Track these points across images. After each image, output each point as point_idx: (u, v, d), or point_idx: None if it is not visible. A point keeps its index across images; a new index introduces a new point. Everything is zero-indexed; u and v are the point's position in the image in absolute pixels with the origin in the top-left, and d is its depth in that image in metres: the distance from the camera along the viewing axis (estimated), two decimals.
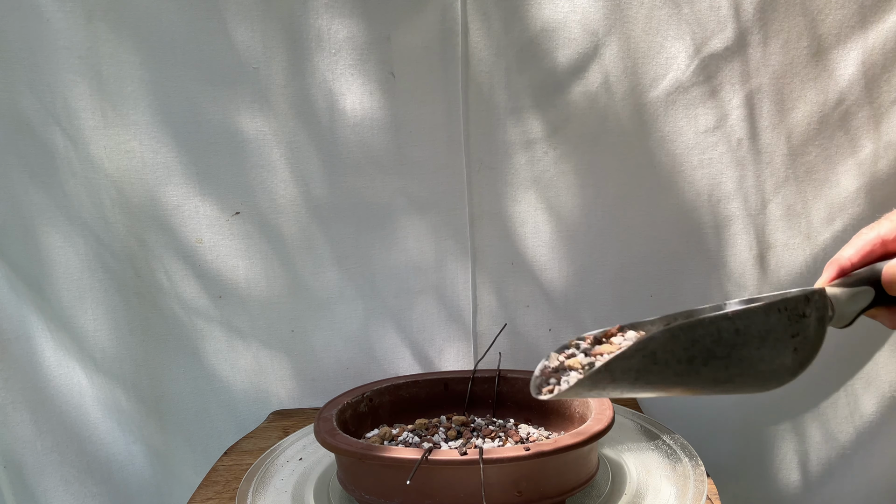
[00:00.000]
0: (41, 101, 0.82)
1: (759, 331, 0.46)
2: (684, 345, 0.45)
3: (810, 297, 0.48)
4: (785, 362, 0.48)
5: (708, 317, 0.46)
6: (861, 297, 0.53)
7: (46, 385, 0.88)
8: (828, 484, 0.93)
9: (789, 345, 0.47)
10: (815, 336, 0.49)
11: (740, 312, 0.46)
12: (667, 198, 0.88)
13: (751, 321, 0.46)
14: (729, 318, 0.46)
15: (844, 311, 0.52)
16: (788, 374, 0.48)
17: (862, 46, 0.82)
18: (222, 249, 0.88)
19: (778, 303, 0.47)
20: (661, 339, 0.45)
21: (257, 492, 0.66)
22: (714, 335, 0.46)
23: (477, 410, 0.76)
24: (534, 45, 0.84)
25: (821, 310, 0.49)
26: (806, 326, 0.48)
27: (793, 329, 0.47)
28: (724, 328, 0.46)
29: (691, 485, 0.62)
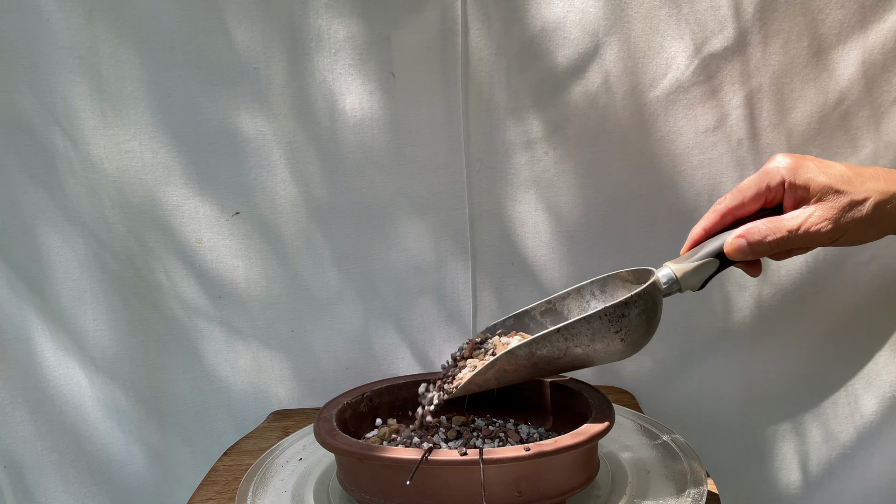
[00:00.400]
0: (41, 101, 0.82)
1: (586, 335, 0.60)
2: (525, 357, 0.60)
3: (628, 301, 0.60)
4: (618, 347, 0.61)
5: (540, 335, 0.60)
6: (705, 268, 0.64)
7: (46, 385, 0.88)
8: (828, 484, 0.93)
9: (615, 338, 0.60)
10: (639, 323, 0.61)
11: (566, 326, 0.60)
12: (667, 198, 0.88)
13: (577, 330, 0.60)
14: (558, 331, 0.60)
15: (692, 281, 0.63)
16: (626, 352, 0.62)
17: (862, 46, 0.82)
18: (222, 249, 0.88)
19: (598, 312, 0.59)
20: (504, 359, 0.60)
21: (257, 492, 0.66)
22: (548, 346, 0.60)
23: (477, 410, 0.76)
24: (534, 45, 0.84)
25: (643, 303, 0.60)
26: (628, 321, 0.60)
27: (615, 327, 0.60)
28: (555, 340, 0.60)
29: (691, 485, 0.62)
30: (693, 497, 0.60)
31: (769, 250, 0.62)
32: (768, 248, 0.61)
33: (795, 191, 0.61)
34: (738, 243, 0.62)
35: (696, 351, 0.92)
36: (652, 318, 0.62)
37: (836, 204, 0.60)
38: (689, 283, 0.63)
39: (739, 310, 0.90)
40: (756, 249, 0.61)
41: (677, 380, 0.93)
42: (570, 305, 0.70)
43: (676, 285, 0.63)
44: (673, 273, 0.63)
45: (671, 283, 0.63)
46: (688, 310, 0.90)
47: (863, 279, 0.88)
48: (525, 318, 0.71)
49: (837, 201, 0.60)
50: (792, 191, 0.61)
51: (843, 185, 0.60)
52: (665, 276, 0.63)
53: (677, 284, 0.63)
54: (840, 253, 0.87)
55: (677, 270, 0.63)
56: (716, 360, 0.92)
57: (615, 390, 0.92)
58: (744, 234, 0.61)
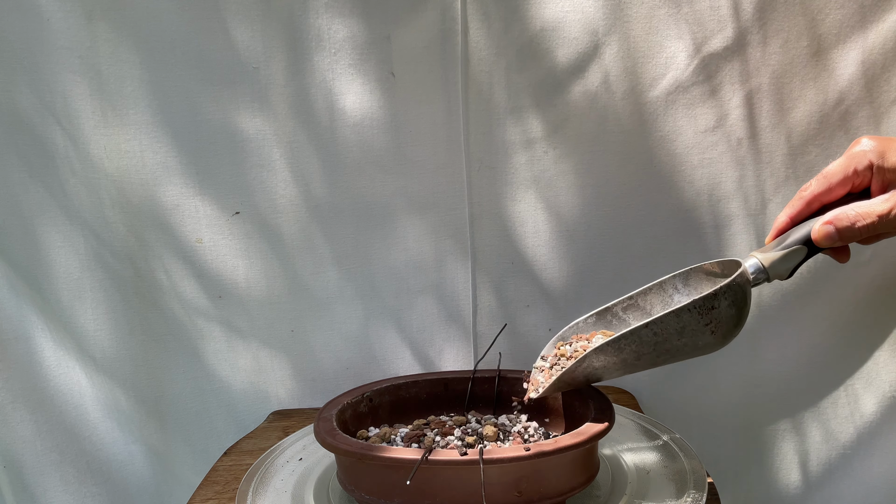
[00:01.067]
0: (41, 101, 0.82)
1: (675, 329, 0.59)
2: (614, 353, 0.60)
3: (718, 292, 0.58)
4: (707, 341, 0.60)
5: (629, 330, 0.59)
6: (794, 255, 0.62)
7: (46, 385, 0.88)
8: (828, 484, 0.93)
9: (705, 330, 0.59)
10: (729, 315, 0.59)
11: (655, 320, 0.58)
12: (667, 197, 0.88)
13: (665, 324, 0.58)
14: (647, 326, 0.59)
15: (780, 270, 0.62)
16: (716, 345, 0.60)
17: (862, 46, 0.82)
18: (222, 249, 0.88)
19: (688, 305, 0.58)
20: (591, 356, 0.60)
21: (257, 492, 0.66)
22: (637, 342, 0.59)
23: (477, 410, 0.76)
24: (534, 45, 0.84)
25: (732, 294, 0.59)
26: (718, 313, 0.59)
27: (704, 320, 0.59)
28: (644, 335, 0.59)
29: (691, 485, 0.62)
30: (693, 497, 0.60)
31: (859, 236, 0.60)
32: (858, 233, 0.59)
33: (884, 174, 0.60)
34: (826, 230, 0.60)
35: None
36: (742, 310, 0.60)
37: None
38: (776, 272, 0.62)
39: None
40: (845, 235, 0.60)
41: (677, 380, 0.93)
42: (652, 300, 0.69)
43: (764, 274, 0.62)
44: (760, 262, 0.62)
45: (758, 272, 0.62)
46: None
47: (863, 279, 0.88)
48: (607, 315, 0.70)
49: None
50: (880, 174, 0.60)
51: None
52: (752, 265, 0.62)
53: (765, 273, 0.62)
54: None
55: (764, 260, 0.62)
56: (716, 360, 0.91)
57: (615, 390, 0.92)
58: (832, 221, 0.60)
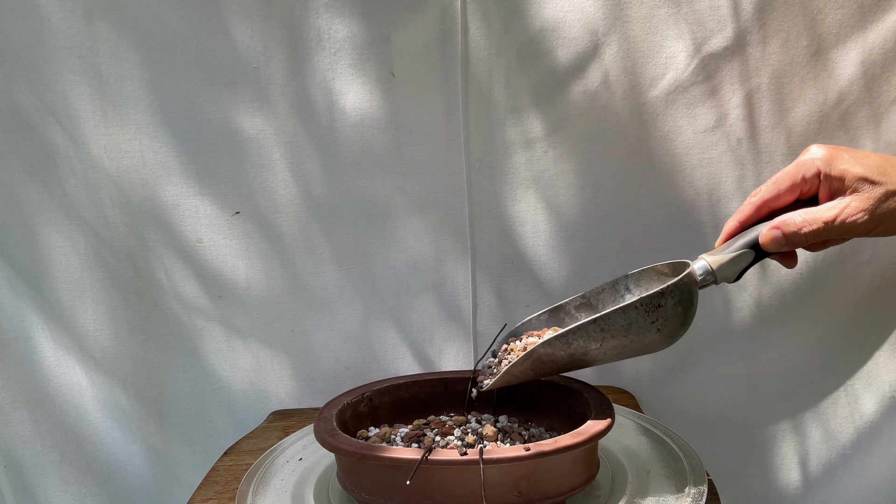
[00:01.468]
0: (41, 101, 0.82)
1: (622, 325, 0.60)
2: (562, 347, 0.61)
3: (664, 291, 0.60)
4: (653, 338, 0.61)
5: (577, 325, 0.60)
6: (742, 258, 0.64)
7: (46, 385, 0.88)
8: (828, 484, 0.93)
9: (651, 328, 0.60)
10: (675, 314, 0.61)
11: (603, 316, 0.60)
12: (667, 197, 0.88)
13: (612, 321, 0.60)
14: (594, 322, 0.60)
15: (727, 273, 0.64)
16: (662, 343, 0.62)
17: (861, 46, 0.82)
18: (222, 249, 0.88)
19: (635, 303, 0.60)
20: (540, 349, 0.61)
21: (257, 492, 0.66)
22: (584, 337, 0.61)
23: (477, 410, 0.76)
24: (534, 45, 0.84)
25: (679, 294, 0.61)
26: (664, 311, 0.60)
27: (651, 317, 0.60)
28: (591, 330, 0.60)
29: (691, 485, 0.62)
30: (693, 496, 0.61)
31: (805, 241, 0.61)
32: (804, 239, 0.61)
33: (831, 182, 0.61)
34: (773, 234, 0.62)
35: (696, 351, 0.92)
36: (688, 310, 0.62)
37: (871, 195, 0.59)
38: (724, 275, 0.64)
39: (739, 310, 0.90)
40: (792, 240, 0.61)
41: (677, 380, 0.93)
42: (604, 299, 0.71)
43: (712, 276, 0.63)
44: (708, 265, 0.63)
45: (706, 274, 0.63)
46: None
47: (863, 279, 0.88)
48: (560, 313, 0.72)
49: (873, 192, 0.59)
50: (827, 182, 0.61)
51: (878, 175, 0.59)
52: (700, 267, 0.63)
53: (713, 276, 0.63)
54: (840, 253, 0.87)
55: (713, 262, 0.63)
56: (716, 360, 0.92)
57: (615, 390, 0.92)
58: (779, 226, 0.62)
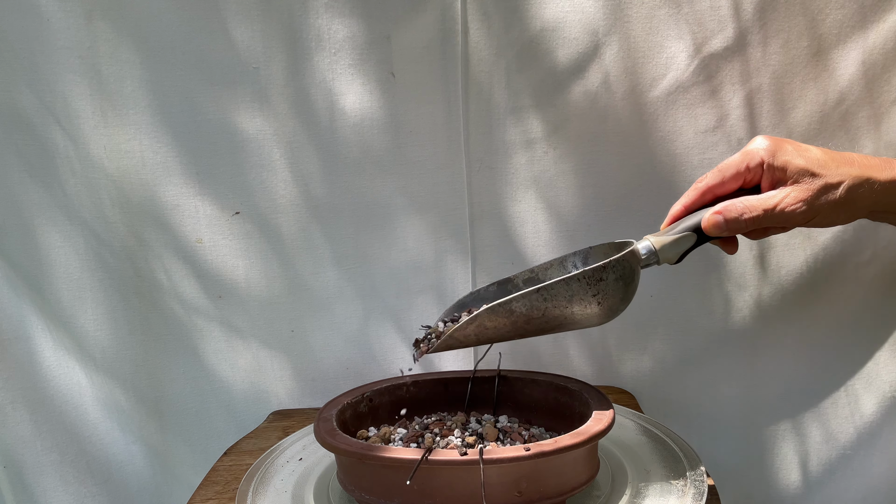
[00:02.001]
0: (41, 101, 0.82)
1: (564, 296, 0.62)
2: (505, 315, 0.62)
3: (607, 265, 0.62)
4: (594, 311, 0.63)
5: (521, 293, 0.62)
6: (683, 241, 0.67)
7: (46, 385, 0.88)
8: (828, 484, 0.93)
9: (592, 301, 0.63)
10: (616, 289, 0.63)
11: (546, 286, 0.62)
12: (667, 197, 0.87)
13: (556, 291, 0.62)
14: (538, 291, 0.62)
15: (669, 254, 0.66)
16: (603, 317, 0.64)
17: (862, 46, 0.82)
18: (222, 249, 0.88)
19: (577, 275, 0.62)
20: (483, 314, 0.63)
21: (257, 492, 0.66)
22: (527, 305, 0.62)
23: (477, 410, 0.76)
24: (534, 45, 0.84)
25: (620, 269, 0.63)
26: (605, 286, 0.62)
27: (592, 290, 0.62)
28: (534, 299, 0.62)
29: (691, 485, 0.62)
30: (693, 497, 0.60)
31: (745, 227, 0.64)
32: (744, 225, 0.64)
33: (773, 172, 0.63)
34: (715, 219, 0.64)
35: (696, 351, 0.92)
36: (629, 286, 0.64)
37: (811, 186, 0.62)
38: (666, 256, 0.66)
39: (739, 310, 0.90)
40: (732, 226, 0.64)
41: (677, 380, 0.93)
42: (552, 275, 0.73)
43: (654, 257, 0.66)
44: (652, 245, 0.66)
45: (650, 254, 0.66)
46: (688, 310, 0.90)
47: (863, 279, 0.88)
48: (508, 286, 0.73)
49: (812, 184, 0.62)
50: (770, 172, 0.64)
51: (818, 168, 0.62)
52: (644, 247, 0.66)
53: (655, 256, 0.66)
54: (840, 253, 0.86)
55: (656, 243, 0.66)
56: (716, 360, 0.92)
57: (615, 390, 0.92)
58: (721, 211, 0.64)
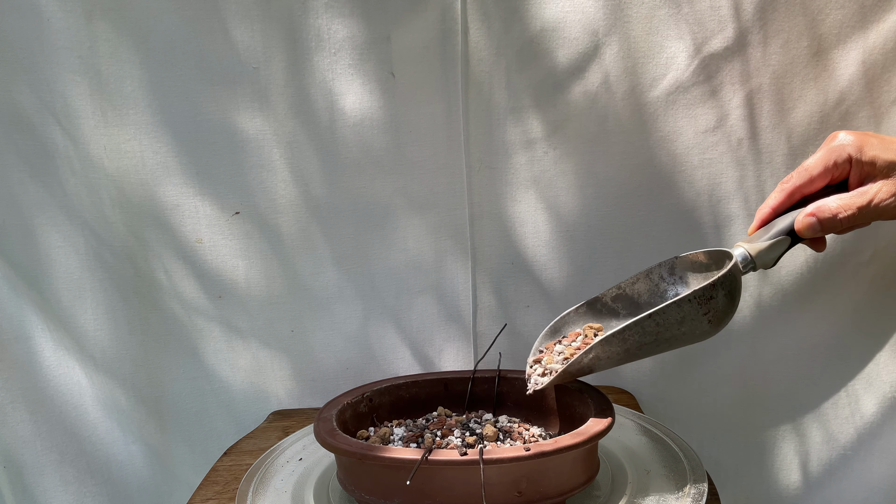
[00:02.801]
0: (41, 101, 0.82)
1: (676, 318, 0.61)
2: (619, 343, 0.62)
3: (717, 283, 0.61)
4: (704, 329, 0.62)
5: (634, 321, 0.61)
6: (778, 245, 0.65)
7: (46, 385, 0.88)
8: (828, 484, 0.93)
9: (703, 319, 0.62)
10: (725, 304, 0.62)
11: (658, 311, 0.61)
12: (667, 198, 0.88)
13: (667, 315, 0.61)
14: (650, 317, 0.61)
15: (766, 259, 0.65)
16: (711, 333, 0.63)
17: (862, 46, 0.82)
18: (222, 249, 0.88)
19: (688, 296, 0.61)
20: (598, 347, 0.62)
21: (257, 492, 0.66)
22: (640, 332, 0.61)
23: (477, 410, 0.76)
24: (534, 45, 0.84)
25: (728, 284, 0.62)
26: (716, 303, 0.61)
27: (703, 309, 0.61)
28: (647, 325, 0.61)
29: (691, 485, 0.62)
30: (693, 497, 0.60)
31: (839, 227, 0.63)
32: (839, 224, 0.63)
33: (862, 167, 0.63)
34: (809, 221, 0.63)
35: (697, 351, 0.91)
36: (735, 298, 0.63)
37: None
38: (763, 261, 0.65)
39: (739, 310, 0.89)
40: (827, 226, 0.63)
41: (677, 380, 0.93)
42: (639, 289, 0.72)
43: (752, 264, 0.65)
44: (748, 252, 0.65)
45: (747, 262, 0.65)
46: None
47: (863, 279, 0.88)
48: (597, 305, 0.73)
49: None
50: (858, 167, 0.63)
51: None
52: (740, 255, 0.65)
53: (752, 263, 0.65)
54: (841, 253, 0.86)
55: (751, 249, 0.65)
56: (716, 360, 0.92)
57: (615, 390, 0.92)
58: (814, 213, 0.63)
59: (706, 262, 0.69)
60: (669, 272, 0.71)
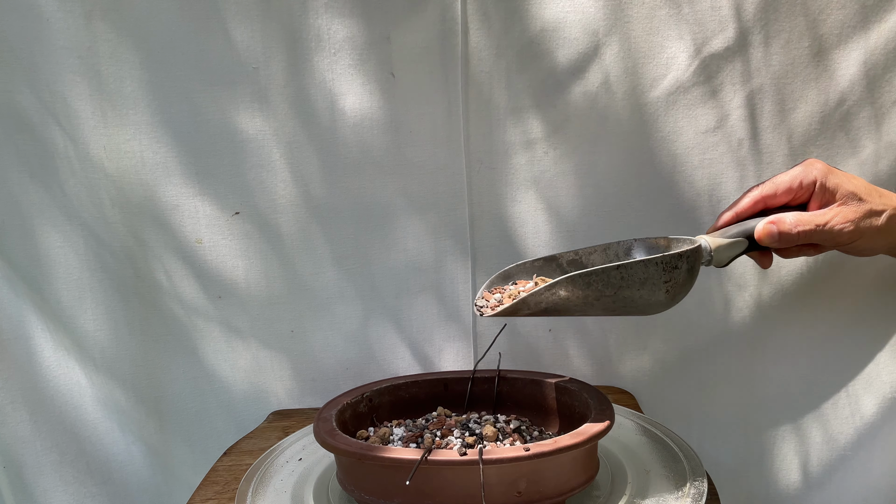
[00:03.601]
0: (41, 101, 0.82)
1: (639, 278, 0.61)
2: (582, 286, 0.61)
3: (683, 254, 0.63)
4: (659, 299, 0.63)
5: (601, 267, 0.61)
6: (736, 246, 0.68)
7: (46, 385, 0.88)
8: (828, 485, 0.93)
9: (662, 287, 0.62)
10: (684, 280, 0.63)
11: (626, 264, 0.61)
12: (667, 198, 0.88)
13: (633, 271, 0.61)
14: (616, 268, 0.61)
15: (721, 257, 0.67)
16: (662, 306, 0.64)
17: (863, 46, 0.82)
18: (222, 249, 0.88)
19: (657, 258, 0.62)
20: (563, 282, 0.61)
21: (257, 492, 0.66)
22: (604, 280, 0.61)
23: (477, 410, 0.76)
24: (534, 45, 0.84)
25: (692, 261, 0.63)
26: (677, 274, 0.62)
27: (665, 277, 0.62)
28: (612, 275, 0.61)
29: (691, 485, 0.62)
30: (693, 497, 0.60)
31: (795, 240, 0.67)
32: (795, 238, 0.66)
33: (824, 192, 0.67)
34: (769, 228, 0.67)
35: (696, 351, 0.92)
36: (691, 279, 0.65)
37: (858, 209, 0.67)
38: (719, 258, 0.67)
39: (739, 310, 0.90)
40: (784, 238, 0.66)
41: (677, 380, 0.93)
42: (594, 261, 0.72)
43: (709, 256, 0.67)
44: (709, 245, 0.67)
45: (707, 253, 0.67)
46: (688, 310, 0.90)
47: (863, 279, 0.87)
48: (553, 264, 0.73)
49: (860, 207, 0.67)
50: (821, 192, 0.67)
51: (865, 195, 0.67)
52: (704, 244, 0.67)
53: (710, 256, 0.67)
54: (840, 253, 0.86)
55: (712, 243, 0.67)
56: (716, 360, 0.92)
57: (615, 390, 0.92)
58: (775, 221, 0.67)
59: (665, 247, 0.69)
60: (626, 252, 0.72)
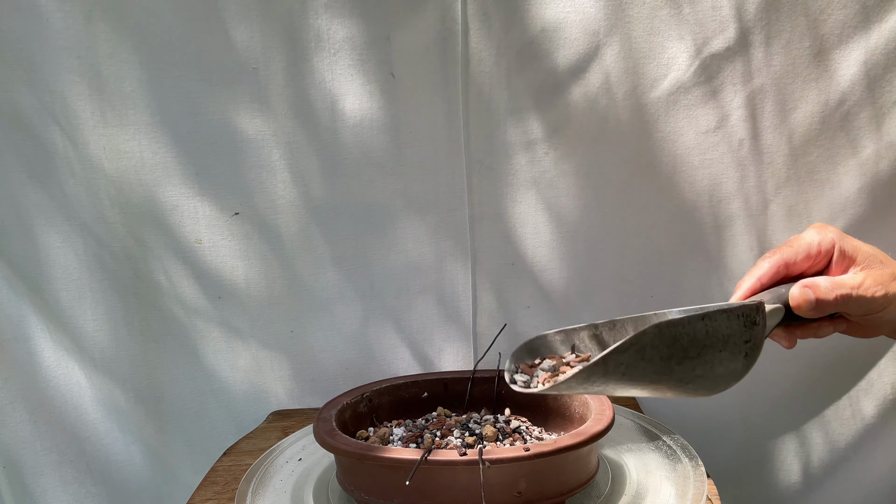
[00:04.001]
0: (40, 101, 0.82)
1: (723, 334, 0.50)
2: (668, 342, 0.49)
3: (759, 307, 0.52)
4: (736, 367, 0.52)
5: (686, 317, 0.49)
6: (775, 314, 0.57)
7: (45, 385, 0.88)
8: (828, 486, 0.93)
9: (742, 349, 0.51)
10: (760, 343, 0.52)
11: (710, 314, 0.50)
12: (667, 198, 0.87)
13: (718, 324, 0.50)
14: (702, 319, 0.49)
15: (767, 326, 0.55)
16: (735, 378, 0.52)
17: (864, 47, 0.82)
18: (221, 250, 0.88)
19: (738, 309, 0.51)
20: (651, 335, 0.48)
21: (256, 492, 0.66)
22: (691, 334, 0.49)
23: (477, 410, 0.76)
24: (534, 46, 0.83)
25: (763, 320, 0.52)
26: (756, 334, 0.52)
27: (746, 335, 0.51)
28: (699, 328, 0.49)
29: (691, 486, 0.62)
30: (693, 498, 0.60)
31: (832, 308, 0.58)
32: (832, 304, 0.58)
33: (843, 257, 0.60)
34: (806, 294, 0.57)
35: None
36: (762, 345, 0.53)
37: (883, 272, 0.59)
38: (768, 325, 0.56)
39: None
40: (821, 305, 0.58)
41: None
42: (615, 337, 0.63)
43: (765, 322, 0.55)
44: None
45: None
46: None
47: None
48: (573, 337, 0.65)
49: (884, 270, 0.59)
50: (841, 257, 0.60)
51: (883, 258, 0.60)
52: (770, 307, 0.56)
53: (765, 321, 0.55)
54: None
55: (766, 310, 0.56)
56: None
57: None
58: (810, 286, 0.58)
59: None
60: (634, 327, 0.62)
